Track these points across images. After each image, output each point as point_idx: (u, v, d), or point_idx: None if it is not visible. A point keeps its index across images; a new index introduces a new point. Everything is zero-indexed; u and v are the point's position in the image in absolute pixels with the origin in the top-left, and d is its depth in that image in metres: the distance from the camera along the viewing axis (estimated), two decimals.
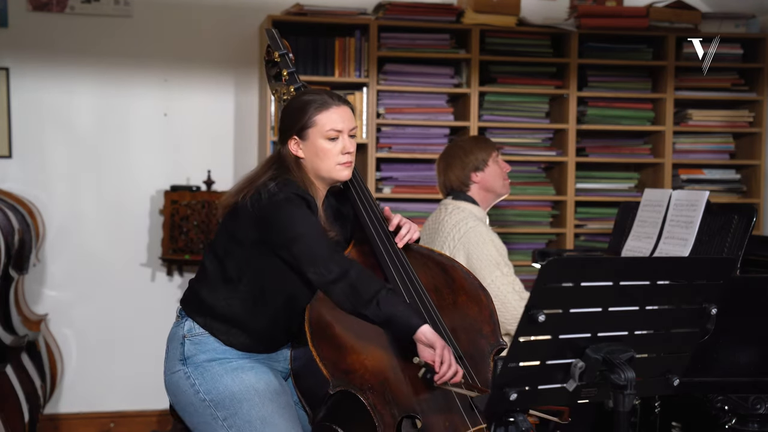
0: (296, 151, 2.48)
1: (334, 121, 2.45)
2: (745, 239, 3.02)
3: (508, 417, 1.95)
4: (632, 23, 4.70)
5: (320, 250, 2.33)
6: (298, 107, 2.49)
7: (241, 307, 2.45)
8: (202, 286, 2.50)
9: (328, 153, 2.45)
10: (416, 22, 4.56)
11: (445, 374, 2.24)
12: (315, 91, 2.56)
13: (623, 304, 1.90)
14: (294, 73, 2.77)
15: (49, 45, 4.60)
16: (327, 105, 2.47)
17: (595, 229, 4.80)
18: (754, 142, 4.88)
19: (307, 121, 2.45)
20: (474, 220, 3.30)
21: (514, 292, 3.19)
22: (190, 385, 2.44)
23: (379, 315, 2.28)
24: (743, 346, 2.79)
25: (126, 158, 4.70)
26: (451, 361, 2.25)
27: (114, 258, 4.69)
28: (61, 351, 4.62)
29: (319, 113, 2.45)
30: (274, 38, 2.82)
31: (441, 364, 2.24)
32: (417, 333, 2.26)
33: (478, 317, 2.56)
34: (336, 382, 2.31)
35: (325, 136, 2.45)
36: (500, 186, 3.44)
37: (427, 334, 2.25)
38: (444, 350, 2.25)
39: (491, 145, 3.46)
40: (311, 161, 2.47)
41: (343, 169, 2.48)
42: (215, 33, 4.74)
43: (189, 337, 2.47)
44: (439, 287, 2.58)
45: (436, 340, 2.25)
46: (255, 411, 2.37)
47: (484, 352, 2.51)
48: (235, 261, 2.45)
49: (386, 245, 2.54)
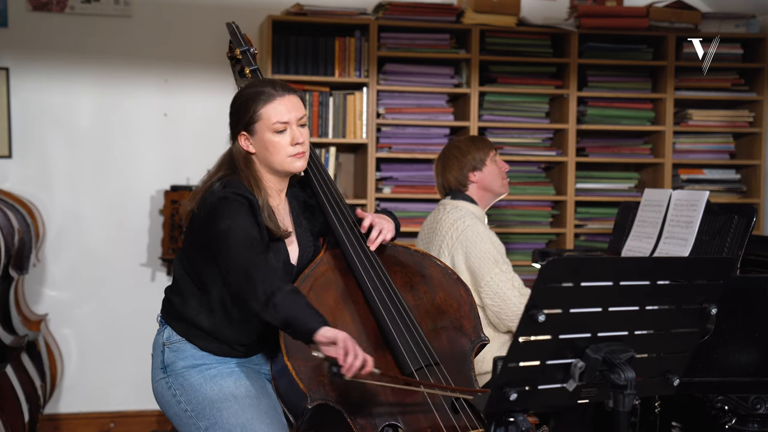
0: (246, 146, 2.43)
1: (279, 113, 2.39)
2: (745, 239, 3.02)
3: (508, 417, 1.95)
4: (632, 23, 4.70)
5: (236, 247, 2.25)
6: (243, 101, 2.42)
7: (210, 317, 2.42)
8: (174, 296, 2.48)
9: (278, 146, 2.40)
10: (416, 22, 4.56)
11: (352, 364, 2.09)
12: (259, 82, 2.47)
13: (623, 304, 1.90)
14: (257, 71, 2.69)
15: (49, 45, 4.60)
16: (271, 96, 2.39)
17: (595, 229, 4.80)
18: (754, 142, 4.88)
19: (253, 116, 2.39)
20: (471, 219, 3.29)
21: (514, 288, 3.18)
22: (172, 396, 2.43)
23: (276, 317, 2.17)
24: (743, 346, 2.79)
25: (126, 158, 4.70)
26: (356, 352, 2.10)
27: (114, 258, 4.69)
28: (61, 351, 4.62)
29: (263, 106, 2.39)
30: (236, 34, 2.73)
31: (345, 356, 2.09)
32: (316, 335, 2.12)
33: (457, 314, 2.52)
34: (314, 396, 2.25)
35: (273, 129, 2.39)
36: (499, 185, 3.44)
37: (327, 333, 2.11)
38: (346, 341, 2.10)
39: (489, 144, 3.45)
40: (262, 156, 2.42)
41: (296, 160, 2.42)
42: (215, 33, 4.73)
43: (168, 345, 2.46)
44: (415, 286, 2.53)
45: (335, 335, 2.11)
46: (234, 418, 2.34)
47: (465, 351, 2.47)
48: (197, 270, 2.42)
49: (357, 250, 2.48)
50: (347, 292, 2.45)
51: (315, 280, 2.43)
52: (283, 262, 2.43)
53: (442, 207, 3.42)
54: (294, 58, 4.50)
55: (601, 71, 4.80)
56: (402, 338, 2.37)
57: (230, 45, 2.73)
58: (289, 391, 2.37)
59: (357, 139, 4.55)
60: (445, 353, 2.43)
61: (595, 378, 1.88)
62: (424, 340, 2.40)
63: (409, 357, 2.34)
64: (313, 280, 2.43)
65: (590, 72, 4.78)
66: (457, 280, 2.58)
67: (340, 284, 2.46)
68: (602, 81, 4.80)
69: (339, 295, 2.44)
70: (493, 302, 3.18)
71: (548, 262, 1.77)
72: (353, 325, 2.40)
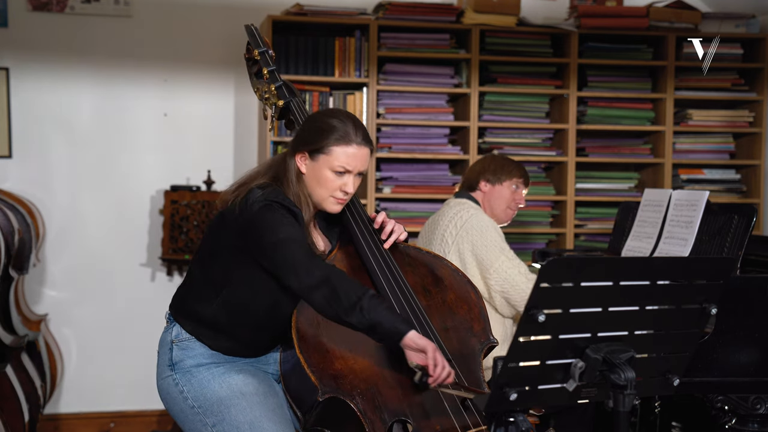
0: (301, 165, 2.43)
1: (348, 160, 2.39)
2: (745, 239, 3.02)
3: (508, 417, 1.95)
4: (632, 23, 4.70)
5: (300, 257, 2.26)
6: (323, 128, 2.41)
7: (225, 315, 2.42)
8: (188, 292, 2.49)
9: (328, 184, 2.40)
10: (416, 22, 4.56)
11: (440, 376, 2.19)
12: (344, 116, 2.44)
13: (623, 304, 1.90)
14: (274, 71, 2.71)
15: (49, 45, 4.60)
16: (349, 141, 2.39)
17: (595, 229, 4.80)
18: (754, 142, 4.88)
19: (324, 147, 2.39)
20: (474, 208, 3.36)
21: (521, 274, 3.26)
22: (179, 392, 2.43)
23: (363, 322, 2.20)
24: (743, 346, 2.79)
25: (126, 158, 4.70)
26: (443, 364, 2.20)
27: (114, 258, 4.69)
28: (61, 351, 4.62)
29: (338, 145, 2.38)
30: (254, 35, 2.75)
31: (435, 367, 2.18)
32: (405, 339, 2.19)
33: (467, 315, 2.54)
34: (324, 389, 2.28)
35: (333, 169, 2.39)
36: (501, 210, 3.52)
37: (416, 339, 2.19)
38: (435, 352, 2.19)
39: (519, 173, 3.53)
40: (309, 181, 2.43)
41: (335, 203, 2.43)
42: (215, 33, 4.74)
43: (176, 343, 2.46)
44: (427, 287, 2.56)
45: (426, 344, 2.19)
46: (243, 416, 2.35)
47: (474, 351, 2.49)
48: (219, 267, 2.42)
49: (371, 247, 2.51)
50: None
51: None
52: None
53: (446, 204, 3.50)
54: (294, 58, 4.50)
55: (601, 71, 4.80)
56: None
57: (248, 46, 2.76)
58: (300, 384, 2.38)
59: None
60: (456, 353, 2.45)
61: (595, 378, 1.88)
62: (437, 337, 2.43)
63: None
64: None
65: (590, 72, 4.78)
66: (467, 282, 2.62)
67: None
68: (602, 81, 4.80)
69: None
70: (502, 288, 3.27)
71: (548, 262, 1.77)
72: None
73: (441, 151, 4.61)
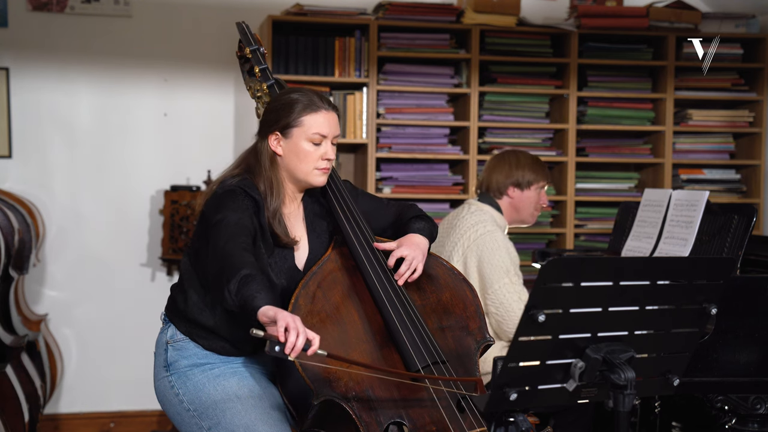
0: (275, 147, 2.43)
1: (320, 125, 2.41)
2: (745, 239, 3.02)
3: (508, 417, 1.95)
4: (632, 23, 4.70)
5: (220, 241, 2.22)
6: (286, 103, 2.43)
7: (213, 315, 2.42)
8: (179, 293, 2.49)
9: (309, 156, 2.41)
10: (416, 22, 4.56)
11: (294, 343, 2.00)
12: (304, 90, 2.48)
13: (623, 304, 1.90)
14: (266, 70, 2.70)
15: (49, 45, 4.60)
16: (316, 107, 2.42)
17: (595, 229, 4.80)
18: (754, 142, 4.88)
19: (294, 120, 2.41)
20: (492, 225, 3.29)
21: (520, 301, 3.18)
22: (175, 395, 2.43)
23: (233, 304, 2.12)
24: (743, 346, 2.79)
25: (126, 158, 4.70)
26: (298, 328, 2.01)
27: (114, 258, 4.69)
28: (61, 351, 4.62)
29: (307, 114, 2.41)
30: (245, 33, 2.74)
31: (286, 332, 2.00)
32: (258, 314, 2.06)
33: (463, 314, 2.53)
34: (319, 392, 2.26)
35: (309, 139, 2.41)
36: (528, 214, 3.45)
37: (266, 311, 2.05)
38: (286, 318, 2.02)
39: (545, 174, 3.46)
40: (289, 160, 2.43)
41: (320, 174, 2.44)
42: (215, 33, 4.74)
43: (171, 343, 2.45)
44: (421, 285, 2.54)
45: (276, 313, 2.03)
46: (238, 419, 2.33)
47: (470, 350, 2.48)
48: (202, 267, 2.41)
49: (365, 248, 2.49)
50: (354, 289, 2.46)
51: (322, 278, 2.44)
52: (288, 268, 2.44)
53: (466, 206, 3.42)
54: (294, 58, 4.50)
55: (601, 71, 4.80)
56: (408, 335, 2.37)
57: (240, 44, 2.74)
58: (295, 386, 2.37)
59: (357, 139, 4.55)
60: (451, 352, 2.43)
61: (595, 378, 1.88)
62: (431, 338, 2.40)
63: (415, 354, 2.35)
64: (321, 277, 2.44)
65: (590, 72, 4.79)
66: (463, 280, 2.59)
67: (347, 282, 2.46)
68: (602, 81, 4.80)
69: (346, 292, 2.45)
70: (497, 311, 3.20)
71: (548, 262, 1.77)
72: (360, 322, 2.41)
73: (441, 151, 4.61)
